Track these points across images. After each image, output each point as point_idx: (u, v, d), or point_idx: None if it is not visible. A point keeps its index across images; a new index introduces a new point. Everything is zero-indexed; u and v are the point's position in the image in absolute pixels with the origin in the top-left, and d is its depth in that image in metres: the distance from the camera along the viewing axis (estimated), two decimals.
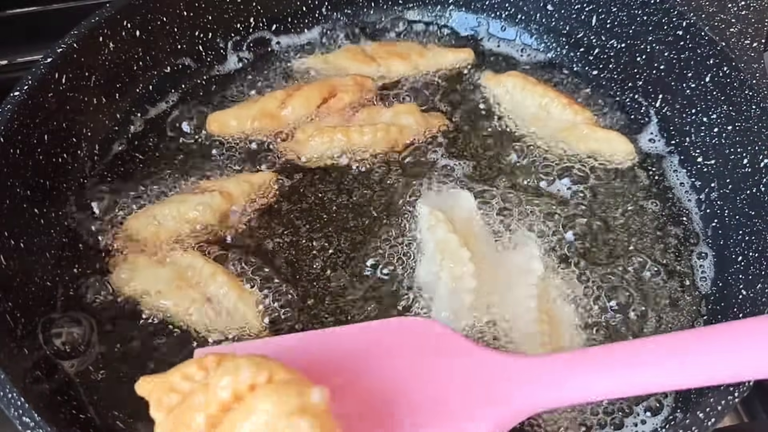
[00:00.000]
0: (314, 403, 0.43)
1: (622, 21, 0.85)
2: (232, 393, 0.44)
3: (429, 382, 0.50)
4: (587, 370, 0.50)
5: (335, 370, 0.48)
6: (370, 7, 0.95)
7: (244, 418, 0.43)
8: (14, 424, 0.52)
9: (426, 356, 0.51)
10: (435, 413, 0.48)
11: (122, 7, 0.77)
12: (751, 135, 0.70)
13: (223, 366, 0.46)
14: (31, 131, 0.69)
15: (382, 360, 0.51)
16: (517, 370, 0.51)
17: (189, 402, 0.45)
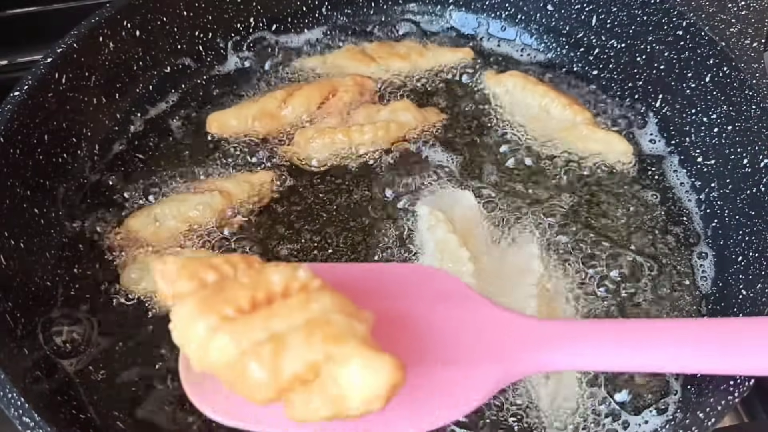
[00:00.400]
0: (365, 317, 0.42)
1: (622, 21, 0.85)
2: (283, 285, 0.42)
3: (443, 329, 0.50)
4: (597, 341, 0.50)
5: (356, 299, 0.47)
6: (370, 7, 0.95)
7: (300, 306, 0.40)
8: (14, 424, 0.52)
9: (444, 305, 0.52)
10: (444, 356, 0.48)
11: (122, 7, 0.77)
12: (751, 135, 0.70)
13: (276, 263, 0.44)
14: (31, 131, 0.69)
15: (401, 299, 0.51)
16: (528, 329, 0.51)
17: (233, 281, 0.42)
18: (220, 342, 0.40)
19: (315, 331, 0.39)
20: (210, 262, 0.43)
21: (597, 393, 0.63)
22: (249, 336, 0.40)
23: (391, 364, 0.38)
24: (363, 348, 0.38)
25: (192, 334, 0.41)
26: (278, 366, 0.39)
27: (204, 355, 0.41)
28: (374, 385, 0.38)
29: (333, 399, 0.39)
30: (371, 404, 0.38)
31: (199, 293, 0.42)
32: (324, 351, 0.39)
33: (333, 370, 0.38)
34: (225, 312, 0.40)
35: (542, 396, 0.62)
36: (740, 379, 0.54)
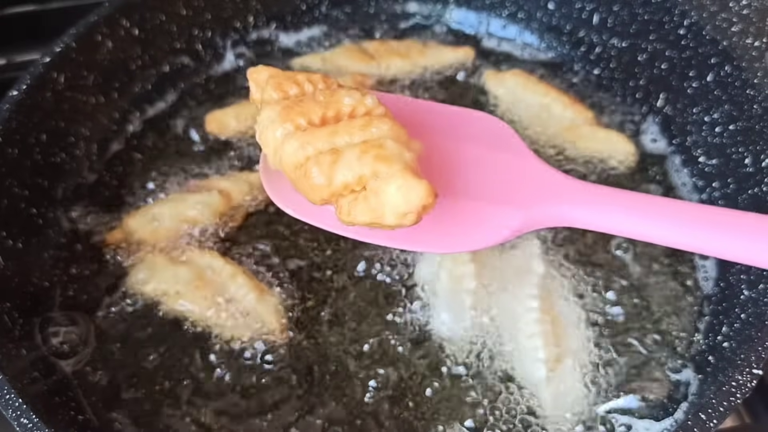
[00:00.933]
0: (415, 148, 0.48)
1: (623, 20, 0.84)
2: (352, 107, 0.48)
3: (482, 167, 0.55)
4: (619, 208, 0.52)
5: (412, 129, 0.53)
6: (370, 6, 0.95)
7: (361, 127, 0.47)
8: (12, 425, 0.52)
9: (488, 146, 0.57)
10: (477, 192, 0.53)
11: (121, 6, 0.77)
12: (753, 134, 0.70)
13: (349, 87, 0.50)
14: (29, 131, 0.69)
15: (452, 135, 0.57)
16: (559, 184, 0.55)
17: (311, 97, 0.49)
18: (291, 146, 0.47)
19: (369, 150, 0.46)
20: (295, 77, 0.51)
21: (599, 394, 0.63)
22: (314, 145, 0.47)
23: (425, 188, 0.44)
24: (405, 171, 0.45)
25: (271, 136, 0.48)
26: (333, 173, 0.46)
27: (277, 155, 0.48)
28: (408, 203, 0.44)
29: (373, 208, 0.45)
30: (403, 219, 0.45)
31: (280, 102, 0.49)
32: (372, 168, 0.45)
33: (377, 184, 0.45)
34: (299, 122, 0.48)
35: (544, 397, 0.62)
36: (742, 380, 0.53)
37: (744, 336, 0.61)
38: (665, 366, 0.65)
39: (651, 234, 0.52)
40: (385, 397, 0.63)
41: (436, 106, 0.61)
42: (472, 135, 0.57)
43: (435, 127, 0.56)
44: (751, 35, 0.74)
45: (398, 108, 0.53)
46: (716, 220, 0.50)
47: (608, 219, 0.52)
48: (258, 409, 0.62)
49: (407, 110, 0.57)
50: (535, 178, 0.55)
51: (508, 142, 0.58)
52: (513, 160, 0.56)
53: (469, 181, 0.54)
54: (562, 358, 0.63)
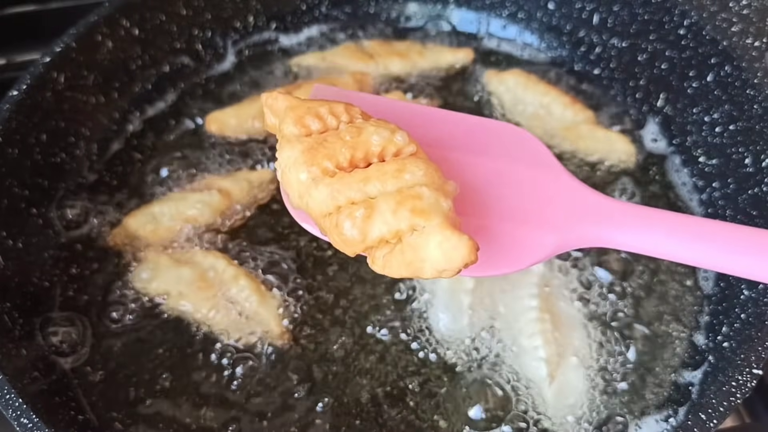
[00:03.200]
0: (450, 191, 0.46)
1: (623, 20, 0.84)
2: (381, 147, 0.45)
3: (517, 187, 0.53)
4: (657, 229, 0.51)
5: (435, 143, 0.51)
6: (370, 6, 0.95)
7: (394, 173, 0.44)
8: (12, 425, 0.52)
9: (523, 165, 0.54)
10: (512, 213, 0.51)
11: (121, 6, 0.77)
12: (753, 134, 0.70)
13: (376, 122, 0.47)
14: (30, 131, 0.69)
15: (484, 153, 0.54)
16: (595, 204, 0.53)
17: (335, 135, 0.46)
18: (320, 194, 0.45)
19: (405, 202, 0.43)
20: (316, 110, 0.47)
21: (600, 393, 0.63)
22: (346, 193, 0.44)
23: (467, 245, 0.41)
24: (445, 226, 0.42)
25: (294, 179, 0.46)
26: (368, 228, 0.43)
27: (303, 199, 0.46)
28: (449, 261, 0.42)
29: (410, 262, 0.43)
30: (443, 274, 0.43)
31: (305, 142, 0.46)
32: (410, 221, 0.43)
33: (415, 240, 0.43)
34: (326, 165, 0.45)
35: (546, 396, 0.62)
36: (742, 380, 0.53)
37: (744, 336, 0.61)
38: (665, 366, 0.65)
39: (691, 257, 0.50)
40: (385, 397, 0.63)
41: (459, 117, 0.58)
42: (499, 149, 0.54)
43: (460, 141, 0.54)
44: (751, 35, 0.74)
45: (422, 121, 0.50)
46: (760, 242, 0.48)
47: (646, 241, 0.50)
48: (259, 410, 0.62)
49: (430, 122, 0.54)
50: (569, 196, 0.53)
51: (538, 156, 0.55)
52: (544, 176, 0.54)
53: (500, 200, 0.51)
54: (563, 358, 0.63)
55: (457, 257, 0.41)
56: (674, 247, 0.50)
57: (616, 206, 0.53)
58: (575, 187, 0.53)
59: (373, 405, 0.62)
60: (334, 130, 0.46)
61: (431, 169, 0.45)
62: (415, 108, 0.59)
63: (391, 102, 0.60)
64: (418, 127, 0.51)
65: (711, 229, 0.51)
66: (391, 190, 0.44)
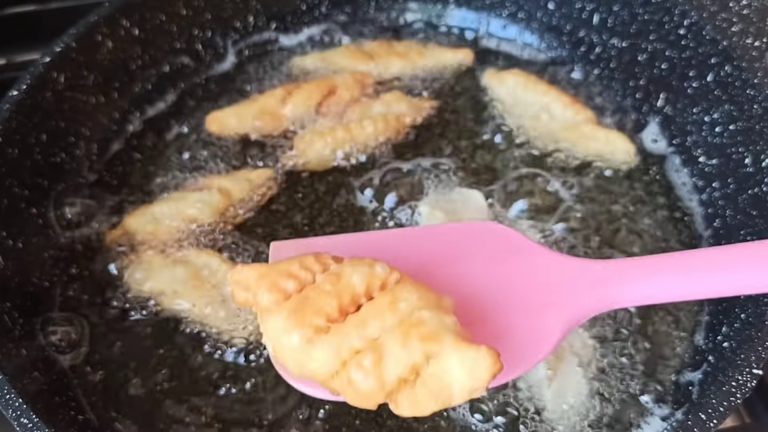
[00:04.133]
0: (448, 306, 0.43)
1: (623, 20, 0.84)
2: (365, 286, 0.43)
3: (503, 283, 0.51)
4: (657, 276, 0.51)
5: (416, 268, 0.49)
6: (370, 6, 0.95)
7: (389, 307, 0.42)
8: (12, 424, 0.52)
9: (501, 259, 0.53)
10: (509, 310, 0.50)
11: (121, 6, 0.77)
12: (753, 134, 0.70)
13: (351, 262, 0.45)
14: (29, 131, 0.69)
15: (456, 260, 0.52)
16: (587, 271, 0.52)
17: (315, 289, 0.43)
18: (321, 354, 0.42)
19: (410, 332, 0.41)
20: (287, 270, 0.44)
21: (600, 393, 0.63)
22: (347, 345, 0.41)
23: (489, 355, 0.39)
24: (459, 343, 0.40)
25: (288, 346, 0.42)
26: (382, 372, 0.41)
27: (303, 367, 0.43)
28: (477, 377, 0.39)
29: (437, 393, 0.40)
30: (475, 392, 0.40)
31: (286, 306, 0.43)
32: (422, 351, 0.40)
33: (434, 367, 0.40)
34: (317, 323, 0.42)
35: (546, 396, 0.62)
36: (742, 380, 0.53)
37: (744, 336, 0.61)
38: (665, 366, 0.65)
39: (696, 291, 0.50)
40: None
41: (427, 231, 0.57)
42: (479, 249, 0.53)
43: (437, 254, 0.52)
44: (751, 35, 0.74)
45: (393, 245, 0.49)
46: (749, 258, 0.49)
47: (650, 290, 0.50)
48: (259, 409, 0.62)
49: (402, 244, 0.53)
50: (561, 273, 0.52)
51: (517, 244, 0.54)
52: (530, 262, 0.53)
53: (496, 300, 0.50)
54: (563, 358, 0.63)
55: (484, 371, 0.39)
56: (675, 287, 0.50)
57: (607, 267, 0.52)
58: (564, 263, 0.53)
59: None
60: (311, 284, 0.44)
61: (423, 290, 0.43)
62: (382, 235, 0.58)
63: (355, 237, 0.59)
64: (392, 253, 0.49)
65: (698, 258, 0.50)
66: (392, 324, 0.41)
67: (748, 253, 0.51)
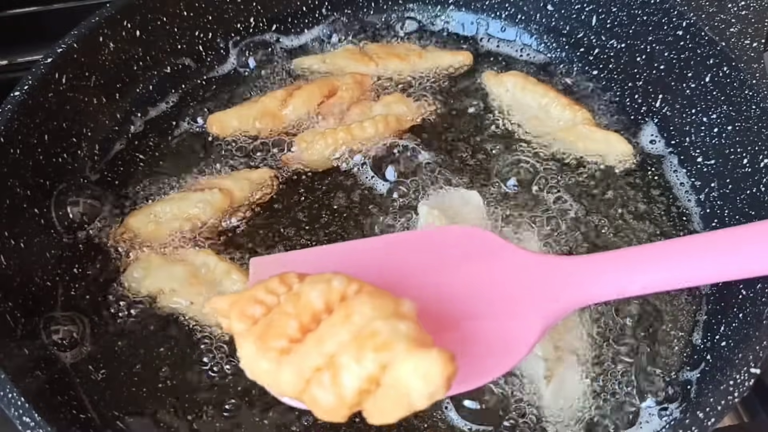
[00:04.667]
0: (407, 312, 0.44)
1: (622, 21, 0.85)
2: (324, 302, 0.44)
3: (477, 285, 0.52)
4: (628, 269, 0.52)
5: (388, 277, 0.50)
6: (370, 7, 0.95)
7: (343, 322, 0.43)
8: (14, 423, 0.52)
9: (473, 261, 0.53)
10: (485, 312, 0.50)
11: (122, 7, 0.77)
12: (751, 135, 0.70)
13: (310, 279, 0.46)
14: (31, 131, 0.69)
15: (430, 266, 0.53)
16: (561, 268, 0.53)
17: (278, 311, 0.45)
18: (286, 375, 0.43)
19: (365, 344, 0.41)
20: (254, 296, 0.46)
21: (599, 392, 0.63)
22: (308, 364, 0.42)
23: (440, 358, 0.39)
24: (412, 349, 0.40)
25: (260, 371, 0.44)
26: (339, 388, 0.41)
27: (277, 387, 0.44)
28: (431, 381, 0.39)
29: (398, 401, 0.41)
30: (434, 396, 0.40)
31: (253, 331, 0.45)
32: (377, 361, 0.41)
33: (390, 376, 0.41)
34: (280, 345, 0.43)
35: (545, 395, 0.62)
36: (740, 379, 0.54)
37: (742, 335, 0.61)
38: (663, 365, 0.66)
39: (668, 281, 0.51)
40: None
41: (398, 239, 0.57)
42: (450, 254, 0.54)
43: (409, 262, 0.53)
44: (749, 36, 0.74)
45: (364, 256, 0.49)
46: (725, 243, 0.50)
47: (619, 284, 0.51)
48: (259, 408, 0.62)
49: (373, 254, 0.54)
50: (534, 271, 0.53)
51: (487, 245, 0.55)
52: (502, 262, 0.53)
53: (469, 303, 0.50)
54: (562, 357, 0.64)
55: (436, 374, 0.39)
56: (648, 278, 0.51)
57: (579, 262, 0.52)
58: (537, 261, 0.53)
59: None
60: (276, 307, 0.45)
61: (378, 300, 0.43)
62: (354, 245, 0.59)
63: (334, 248, 0.60)
64: (368, 262, 0.50)
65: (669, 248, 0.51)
66: (346, 339, 0.42)
67: (712, 240, 0.53)
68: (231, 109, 0.82)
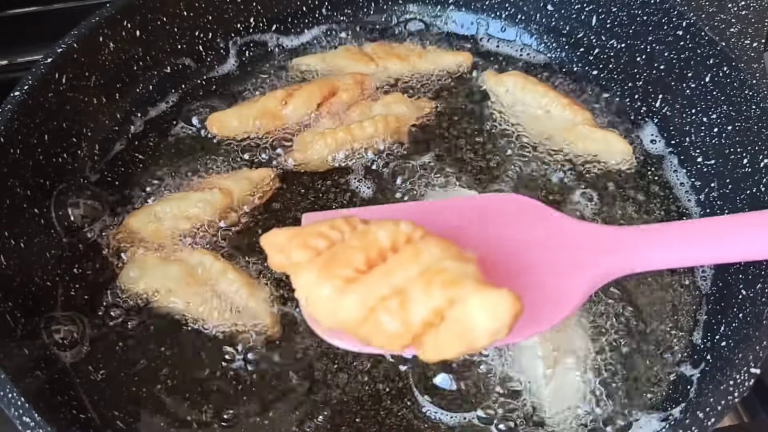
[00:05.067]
0: (471, 257, 0.46)
1: (622, 21, 0.85)
2: (391, 242, 0.46)
3: (526, 247, 0.54)
4: (669, 242, 0.54)
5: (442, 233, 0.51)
6: (370, 7, 0.95)
7: (412, 259, 0.44)
8: (14, 423, 0.52)
9: (520, 225, 0.56)
10: (532, 273, 0.52)
11: (122, 7, 0.77)
12: (751, 135, 0.70)
13: (377, 222, 0.47)
14: (31, 131, 0.69)
15: (479, 227, 0.55)
16: (606, 237, 0.55)
17: (344, 245, 0.46)
18: (350, 302, 0.45)
19: (432, 279, 0.43)
20: (318, 230, 0.48)
21: (598, 392, 0.63)
22: (374, 293, 0.44)
23: (509, 296, 0.41)
24: (479, 287, 0.42)
25: (319, 298, 0.46)
26: (406, 315, 0.43)
27: (334, 315, 0.46)
28: (497, 319, 0.41)
29: (461, 336, 0.42)
30: (496, 335, 0.42)
31: (317, 261, 0.46)
32: (444, 296, 0.42)
33: (456, 311, 0.42)
34: (346, 274, 0.45)
35: (543, 395, 0.62)
36: (740, 379, 0.54)
37: (742, 335, 0.61)
38: (663, 365, 0.66)
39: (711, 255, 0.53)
40: (385, 396, 0.63)
41: (451, 203, 0.60)
42: (501, 218, 0.56)
43: (461, 224, 0.55)
44: (749, 36, 0.75)
45: (417, 217, 0.51)
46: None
47: (667, 255, 0.53)
48: (259, 407, 0.62)
49: (426, 216, 0.55)
50: (582, 238, 0.55)
51: (538, 213, 0.57)
52: (551, 229, 0.56)
53: (520, 265, 0.52)
54: (561, 356, 0.64)
55: (504, 311, 0.41)
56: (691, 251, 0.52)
57: (627, 232, 0.55)
58: (586, 228, 0.55)
59: (372, 403, 0.63)
60: (340, 243, 0.47)
61: (446, 243, 0.46)
62: (407, 206, 0.62)
63: (384, 208, 0.62)
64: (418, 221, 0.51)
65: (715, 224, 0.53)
66: (415, 274, 0.44)
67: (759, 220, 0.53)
68: (231, 109, 0.82)
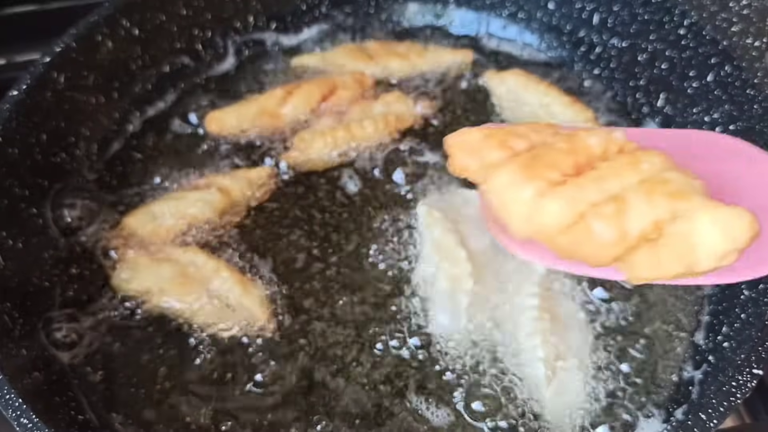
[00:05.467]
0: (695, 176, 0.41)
1: (623, 20, 0.84)
2: (602, 149, 0.42)
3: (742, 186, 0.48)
4: None
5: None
6: (370, 6, 0.95)
7: (630, 166, 0.40)
8: (12, 425, 0.52)
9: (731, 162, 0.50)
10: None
11: (121, 6, 0.77)
12: (753, 134, 0.70)
13: (586, 128, 0.43)
14: (30, 131, 0.69)
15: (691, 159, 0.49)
16: None
17: (549, 148, 0.42)
18: (554, 206, 0.40)
19: (655, 189, 0.39)
20: (516, 131, 0.43)
21: (599, 393, 0.63)
22: (584, 198, 0.40)
23: (747, 215, 0.37)
24: (710, 203, 0.38)
25: (517, 200, 0.41)
26: (624, 223, 0.39)
27: (532, 221, 0.41)
28: (731, 238, 0.37)
29: (682, 255, 0.38)
30: (724, 259, 0.38)
31: (517, 160, 0.42)
32: (668, 208, 0.38)
33: (679, 226, 0.38)
34: (551, 176, 0.41)
35: (544, 396, 0.62)
36: (742, 380, 0.53)
37: (744, 336, 0.61)
38: (665, 366, 0.65)
39: None
40: (384, 397, 0.63)
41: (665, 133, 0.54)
42: (721, 156, 0.51)
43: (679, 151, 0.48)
44: (751, 35, 0.74)
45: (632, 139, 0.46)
46: None
47: None
48: (258, 407, 0.62)
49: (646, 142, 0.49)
50: None
51: (751, 154, 0.52)
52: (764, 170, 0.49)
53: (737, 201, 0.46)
54: (562, 358, 0.63)
55: (741, 230, 0.36)
56: None
57: None
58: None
59: (372, 404, 0.62)
60: (541, 145, 0.43)
61: (666, 155, 0.41)
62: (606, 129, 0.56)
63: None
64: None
65: None
66: (633, 182, 0.40)
67: None
68: (230, 108, 0.81)
